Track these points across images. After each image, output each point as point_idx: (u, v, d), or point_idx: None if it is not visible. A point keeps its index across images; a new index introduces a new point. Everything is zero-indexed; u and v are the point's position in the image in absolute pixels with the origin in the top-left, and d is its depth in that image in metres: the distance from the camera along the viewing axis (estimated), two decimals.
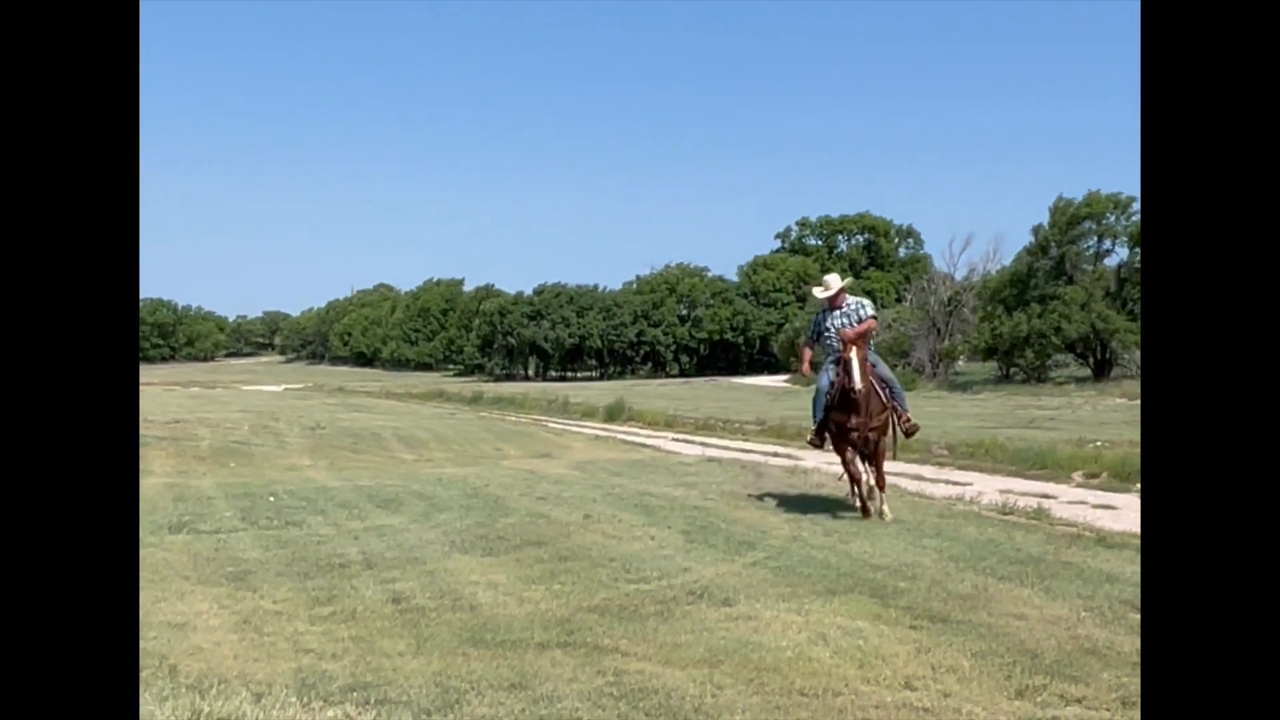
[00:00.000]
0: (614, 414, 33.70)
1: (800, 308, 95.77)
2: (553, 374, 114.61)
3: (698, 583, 7.81)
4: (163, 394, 54.04)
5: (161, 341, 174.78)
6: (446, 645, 6.10)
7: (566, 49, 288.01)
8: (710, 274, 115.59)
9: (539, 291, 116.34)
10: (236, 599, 7.36)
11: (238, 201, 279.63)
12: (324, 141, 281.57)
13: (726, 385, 70.57)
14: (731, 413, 31.01)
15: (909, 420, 11.47)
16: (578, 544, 9.56)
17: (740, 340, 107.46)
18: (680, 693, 5.14)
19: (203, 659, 5.80)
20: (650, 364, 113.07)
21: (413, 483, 14.94)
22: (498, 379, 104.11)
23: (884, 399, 11.15)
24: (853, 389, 10.78)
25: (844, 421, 11.08)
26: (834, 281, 11.94)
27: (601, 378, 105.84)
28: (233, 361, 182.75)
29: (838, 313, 11.72)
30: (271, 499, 12.97)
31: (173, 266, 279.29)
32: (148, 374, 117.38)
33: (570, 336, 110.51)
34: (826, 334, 11.71)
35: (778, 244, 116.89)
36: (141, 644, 6.03)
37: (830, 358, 11.62)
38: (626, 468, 17.64)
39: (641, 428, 29.53)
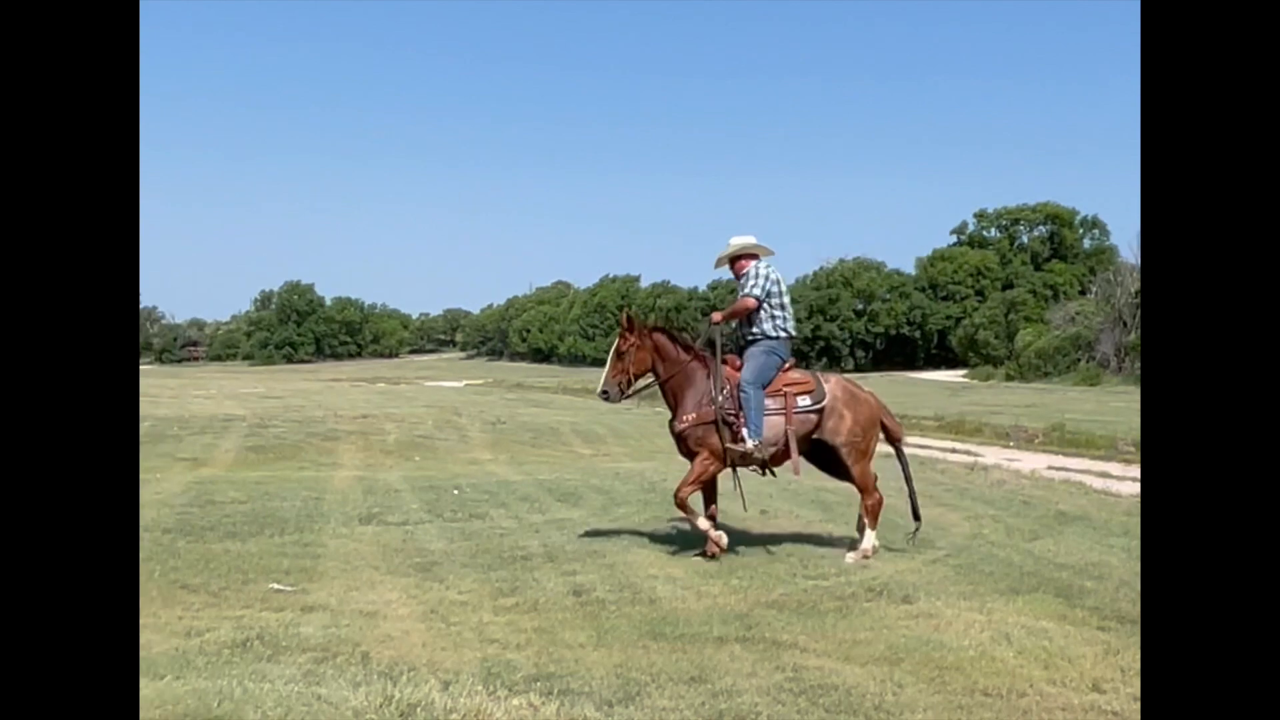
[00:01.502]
0: None
1: (980, 302, 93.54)
2: None
3: (876, 579, 7.74)
4: (350, 390, 55.83)
5: (349, 339, 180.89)
6: (627, 637, 6.18)
7: (741, 45, 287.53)
8: (886, 268, 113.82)
9: (714, 287, 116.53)
10: (424, 589, 7.57)
11: (421, 203, 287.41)
12: (504, 144, 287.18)
13: (903, 380, 69.56)
14: (908, 408, 30.44)
15: (740, 440, 8.89)
16: (755, 539, 9.56)
17: (917, 334, 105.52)
18: (860, 690, 5.11)
19: (393, 647, 5.99)
20: (826, 359, 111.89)
21: (591, 477, 15.15)
22: None
23: (709, 401, 8.85)
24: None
25: None
26: (734, 242, 9.23)
27: None
28: (416, 358, 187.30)
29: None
30: (455, 492, 13.29)
31: (360, 267, 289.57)
32: (335, 370, 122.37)
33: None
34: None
35: (953, 239, 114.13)
36: (335, 631, 6.29)
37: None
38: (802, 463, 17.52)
39: None
